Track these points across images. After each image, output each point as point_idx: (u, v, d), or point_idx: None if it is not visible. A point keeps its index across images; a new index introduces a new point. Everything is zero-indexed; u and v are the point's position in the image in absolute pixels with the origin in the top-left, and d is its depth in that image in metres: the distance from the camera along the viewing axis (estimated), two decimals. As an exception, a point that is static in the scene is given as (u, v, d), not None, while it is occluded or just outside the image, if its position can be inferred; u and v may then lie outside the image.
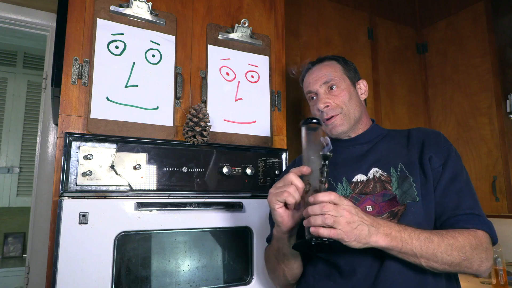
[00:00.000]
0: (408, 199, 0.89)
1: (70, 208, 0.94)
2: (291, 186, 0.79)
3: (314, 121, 0.83)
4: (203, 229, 1.12)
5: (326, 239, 0.74)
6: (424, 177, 0.91)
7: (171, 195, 1.08)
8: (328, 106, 1.01)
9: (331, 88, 1.02)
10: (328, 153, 0.79)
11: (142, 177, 1.04)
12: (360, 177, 0.97)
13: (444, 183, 0.91)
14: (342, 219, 0.73)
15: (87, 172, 0.97)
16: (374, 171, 0.96)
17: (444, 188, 0.90)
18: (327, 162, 0.79)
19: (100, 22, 1.08)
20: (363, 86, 1.09)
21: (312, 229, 0.74)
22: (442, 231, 0.83)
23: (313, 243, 0.75)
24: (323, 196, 0.74)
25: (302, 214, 0.79)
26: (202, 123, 1.11)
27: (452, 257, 0.79)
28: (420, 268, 0.83)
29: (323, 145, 0.81)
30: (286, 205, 0.82)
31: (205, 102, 1.20)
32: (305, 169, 0.80)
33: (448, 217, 0.88)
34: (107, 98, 1.06)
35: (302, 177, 0.81)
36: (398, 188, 0.92)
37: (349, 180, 0.98)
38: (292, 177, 0.80)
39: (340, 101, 1.01)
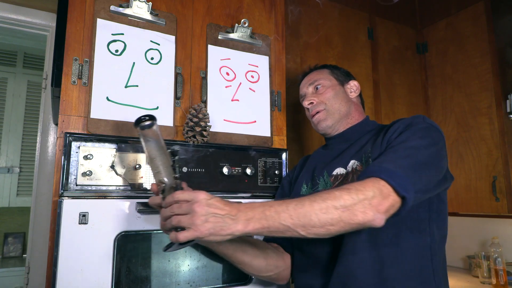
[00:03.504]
0: None
1: (70, 208, 0.94)
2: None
3: (146, 118, 0.79)
4: (203, 229, 1.12)
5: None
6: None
7: (171, 195, 1.07)
8: (312, 103, 1.10)
9: (317, 89, 1.12)
10: (176, 148, 0.77)
11: (142, 177, 1.04)
12: (339, 170, 0.99)
13: (384, 149, 0.87)
14: (191, 216, 0.69)
15: (87, 172, 0.97)
16: (352, 163, 0.98)
17: (380, 154, 0.87)
18: (176, 157, 0.79)
19: (100, 22, 1.08)
20: (353, 85, 1.15)
21: (169, 235, 0.72)
22: (320, 191, 0.76)
23: (168, 247, 0.74)
24: (169, 197, 0.73)
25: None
26: (202, 123, 1.11)
27: (329, 214, 0.70)
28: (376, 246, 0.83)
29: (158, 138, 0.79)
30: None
31: (205, 102, 1.20)
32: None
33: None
34: (107, 98, 1.06)
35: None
36: None
37: (330, 173, 1.01)
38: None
39: (324, 98, 1.09)
